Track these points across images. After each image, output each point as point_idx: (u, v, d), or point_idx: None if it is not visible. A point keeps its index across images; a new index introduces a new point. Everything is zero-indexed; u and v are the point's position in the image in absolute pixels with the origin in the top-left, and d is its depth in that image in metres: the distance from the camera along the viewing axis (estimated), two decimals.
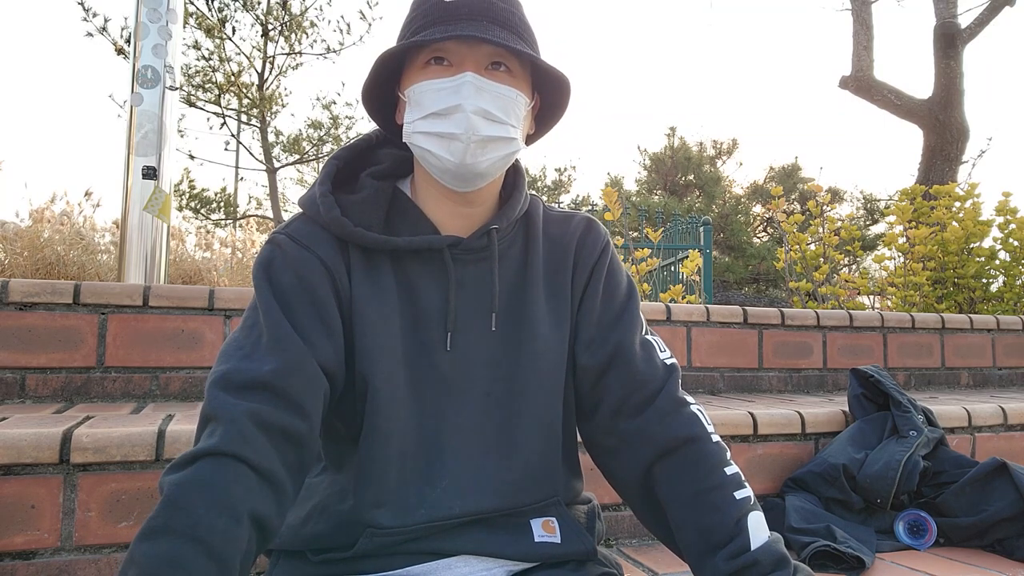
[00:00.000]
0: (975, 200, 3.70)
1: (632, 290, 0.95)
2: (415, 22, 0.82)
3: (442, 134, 0.78)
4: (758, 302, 9.72)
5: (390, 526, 0.80)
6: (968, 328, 2.63)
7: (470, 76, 0.78)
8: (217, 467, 0.67)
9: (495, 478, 0.84)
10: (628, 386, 0.87)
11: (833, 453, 1.57)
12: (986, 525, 1.42)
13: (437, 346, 0.84)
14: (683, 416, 0.86)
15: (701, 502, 0.82)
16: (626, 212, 5.46)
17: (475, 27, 0.78)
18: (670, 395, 0.87)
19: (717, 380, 2.21)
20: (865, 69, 6.70)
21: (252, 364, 0.73)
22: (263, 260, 0.81)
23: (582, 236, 0.93)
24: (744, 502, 0.83)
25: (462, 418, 0.84)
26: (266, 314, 0.77)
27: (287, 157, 9.67)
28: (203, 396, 0.74)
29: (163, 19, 2.47)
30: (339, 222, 0.81)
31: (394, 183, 0.88)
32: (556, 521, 0.88)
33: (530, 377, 0.86)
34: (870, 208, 15.25)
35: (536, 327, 0.87)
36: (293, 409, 0.72)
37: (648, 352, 0.90)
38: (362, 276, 0.82)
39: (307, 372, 0.75)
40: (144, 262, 2.41)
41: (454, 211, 0.86)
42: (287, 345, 0.75)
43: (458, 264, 0.85)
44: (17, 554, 1.08)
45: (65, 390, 1.57)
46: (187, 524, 0.63)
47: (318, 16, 7.88)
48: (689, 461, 0.84)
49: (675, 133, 16.04)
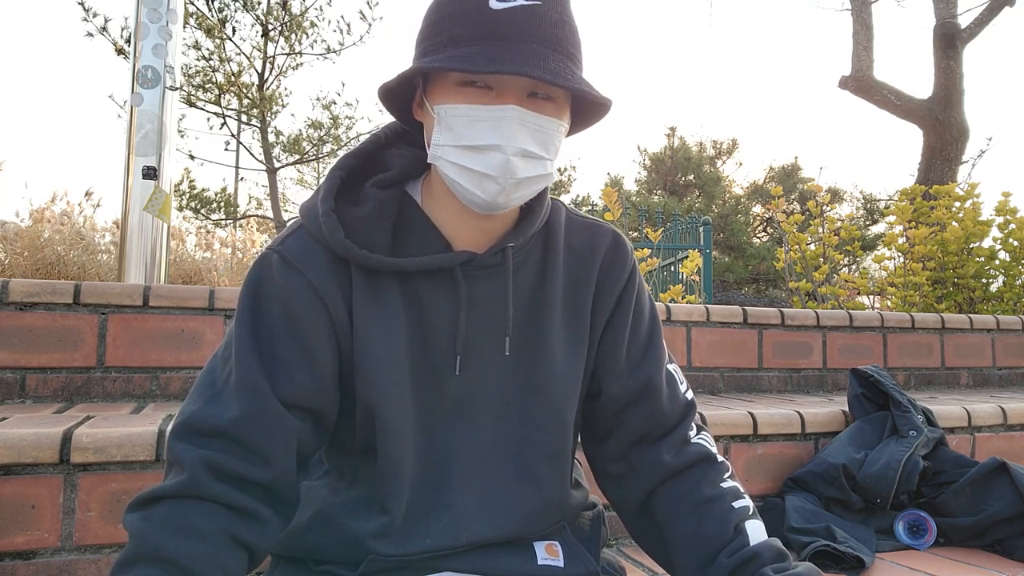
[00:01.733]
0: (975, 200, 3.70)
1: (655, 316, 0.92)
2: (455, 28, 0.72)
3: (475, 171, 0.72)
4: (758, 302, 9.72)
5: (394, 555, 0.79)
6: (968, 328, 2.63)
7: (513, 110, 0.71)
8: (176, 506, 0.69)
9: (503, 508, 0.82)
10: (651, 422, 0.87)
11: (833, 453, 1.57)
12: (986, 525, 1.42)
13: (446, 369, 0.80)
14: (692, 447, 0.88)
15: (702, 513, 0.83)
16: (626, 212, 5.46)
17: (524, 55, 0.69)
18: (683, 432, 0.88)
19: (717, 380, 2.21)
20: (865, 69, 6.70)
21: (215, 409, 0.72)
22: (251, 283, 0.77)
23: (608, 256, 0.88)
24: (742, 511, 0.83)
25: (471, 445, 0.81)
26: (238, 350, 0.74)
27: (287, 157, 9.68)
28: None
29: (163, 19, 2.47)
30: (343, 245, 0.75)
31: (402, 189, 0.82)
32: (559, 545, 0.87)
33: (543, 404, 0.83)
34: (870, 208, 15.25)
35: (552, 351, 0.83)
36: (252, 458, 0.72)
37: (672, 388, 0.90)
38: (365, 297, 0.77)
39: (270, 420, 0.72)
40: (144, 262, 2.41)
41: (470, 224, 0.80)
42: (252, 392, 0.72)
43: (470, 281, 0.80)
44: (17, 554, 1.08)
45: (65, 390, 1.57)
46: (152, 548, 0.66)
47: (318, 16, 7.88)
48: (692, 479, 0.85)
49: (675, 133, 16.06)
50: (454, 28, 0.72)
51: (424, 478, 0.80)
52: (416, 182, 0.84)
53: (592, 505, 0.96)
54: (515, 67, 0.68)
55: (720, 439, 1.56)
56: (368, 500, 0.81)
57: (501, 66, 0.68)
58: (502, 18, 0.70)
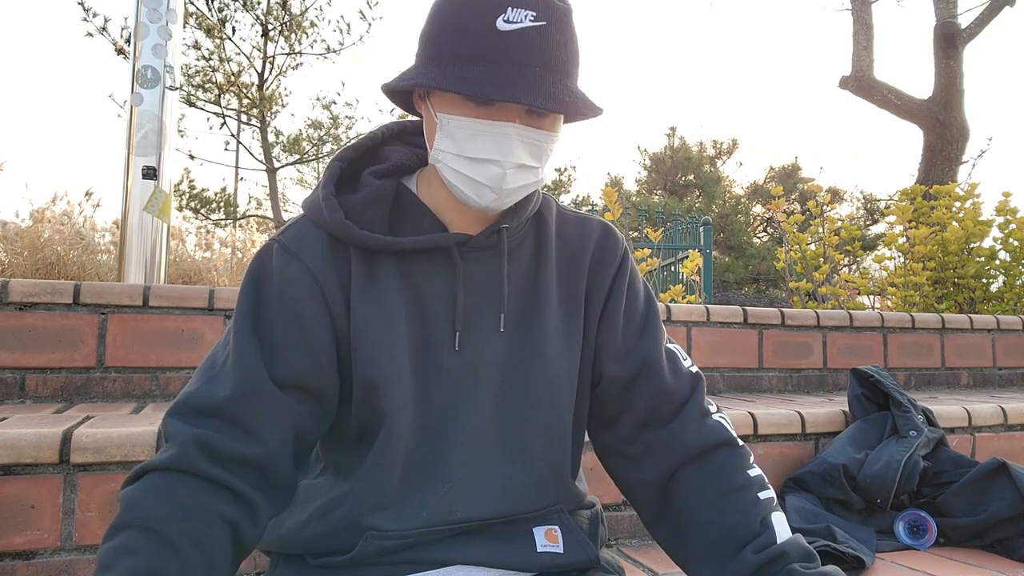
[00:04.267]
0: (975, 200, 3.70)
1: (650, 298, 0.94)
2: (462, 47, 0.74)
3: (473, 179, 0.77)
4: (758, 302, 9.72)
5: (390, 529, 0.80)
6: (968, 328, 2.63)
7: (513, 128, 0.75)
8: (165, 478, 0.71)
9: (498, 483, 0.83)
10: (657, 398, 0.88)
11: (833, 453, 1.57)
12: (986, 525, 1.42)
13: (445, 346, 0.82)
14: (709, 424, 0.88)
15: (726, 503, 0.83)
16: (626, 212, 5.46)
17: (527, 80, 0.72)
18: (697, 404, 0.89)
19: (717, 380, 2.21)
20: (865, 69, 6.70)
21: (210, 389, 0.75)
22: (253, 270, 0.81)
23: (599, 243, 0.91)
24: (768, 502, 0.83)
25: (469, 420, 0.83)
26: (236, 333, 0.77)
27: (287, 157, 9.67)
28: None
29: (163, 19, 2.47)
30: (343, 225, 0.79)
31: (397, 180, 0.85)
32: (559, 530, 0.87)
33: (538, 382, 0.85)
34: (870, 208, 15.25)
35: (547, 331, 0.85)
36: (244, 436, 0.73)
37: (674, 363, 0.91)
38: (363, 280, 0.80)
39: (263, 397, 0.74)
40: (144, 262, 2.41)
41: (465, 213, 0.83)
42: (246, 370, 0.75)
43: (466, 261, 0.83)
44: (17, 554, 1.08)
45: (65, 390, 1.57)
46: (139, 517, 0.68)
47: (318, 16, 7.87)
48: (716, 465, 0.85)
49: (675, 133, 16.06)
50: (461, 46, 0.74)
51: (421, 452, 0.82)
52: (411, 175, 0.87)
53: (591, 504, 0.96)
54: (517, 95, 0.71)
55: None
56: (364, 474, 0.81)
57: (504, 95, 0.71)
58: (509, 41, 0.73)
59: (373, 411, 0.79)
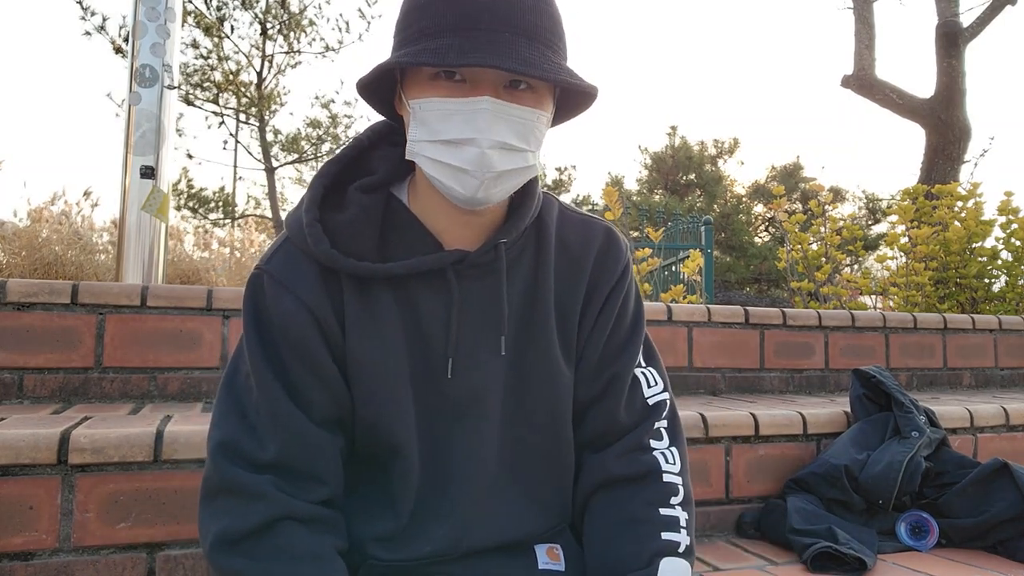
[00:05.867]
0: (977, 200, 3.69)
1: (639, 317, 0.90)
2: (425, 19, 0.70)
3: (451, 165, 0.70)
4: (760, 302, 9.71)
5: (391, 560, 0.79)
6: (970, 328, 2.62)
7: (487, 102, 0.68)
8: (273, 535, 0.71)
9: (503, 513, 0.82)
10: (604, 425, 0.86)
11: (835, 454, 1.57)
12: (988, 526, 1.41)
13: (442, 372, 0.79)
14: (642, 457, 0.84)
15: (622, 532, 0.80)
16: (627, 211, 5.46)
17: (495, 45, 0.67)
18: (638, 436, 0.85)
19: (718, 380, 2.21)
20: (867, 68, 6.69)
21: (255, 445, 0.73)
22: (249, 306, 0.77)
23: (601, 252, 0.86)
24: (668, 545, 0.79)
25: (471, 448, 0.80)
26: (260, 382, 0.74)
27: (286, 156, 9.65)
28: (202, 397, 0.75)
29: (161, 18, 2.46)
30: (329, 256, 0.74)
31: (387, 192, 0.80)
32: (561, 548, 0.85)
33: (540, 405, 0.82)
34: (872, 208, 15.24)
35: (547, 351, 0.82)
36: (305, 481, 0.74)
37: (636, 391, 0.87)
38: (358, 308, 0.76)
39: (310, 442, 0.74)
40: (142, 262, 2.40)
41: (458, 220, 0.78)
42: (286, 422, 0.74)
43: (462, 280, 0.78)
44: (15, 555, 1.08)
45: (63, 390, 1.57)
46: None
47: (317, 15, 7.88)
48: (625, 495, 0.82)
49: (676, 132, 16.05)
50: (424, 19, 0.70)
51: (429, 484, 0.80)
52: (402, 183, 0.82)
53: None
54: (485, 59, 0.66)
55: (721, 440, 1.55)
56: (372, 503, 0.81)
57: (470, 59, 0.66)
58: (473, 7, 0.68)
59: (379, 442, 0.79)
